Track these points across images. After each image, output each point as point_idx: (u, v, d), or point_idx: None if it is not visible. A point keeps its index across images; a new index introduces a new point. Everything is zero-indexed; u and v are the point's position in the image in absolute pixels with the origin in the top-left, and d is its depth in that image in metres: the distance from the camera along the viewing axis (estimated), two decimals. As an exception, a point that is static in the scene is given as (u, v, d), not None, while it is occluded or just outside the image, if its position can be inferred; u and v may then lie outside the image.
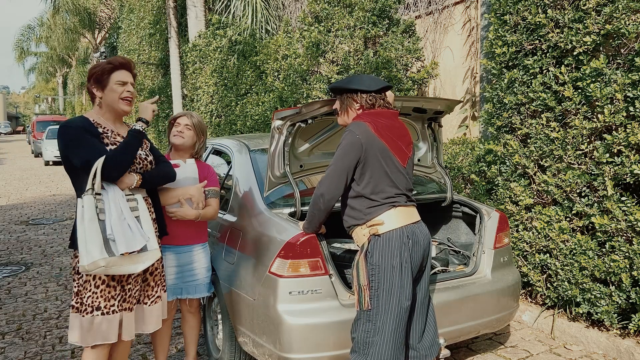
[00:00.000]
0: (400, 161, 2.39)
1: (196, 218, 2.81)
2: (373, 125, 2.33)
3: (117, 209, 2.24)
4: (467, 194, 4.70)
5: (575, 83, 3.48)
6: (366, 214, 2.36)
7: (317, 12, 5.95)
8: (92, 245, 2.15)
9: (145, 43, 15.14)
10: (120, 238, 2.19)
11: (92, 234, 2.16)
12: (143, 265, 2.31)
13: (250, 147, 3.50)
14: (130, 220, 2.26)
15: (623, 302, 3.28)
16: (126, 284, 2.37)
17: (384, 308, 2.30)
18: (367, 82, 2.41)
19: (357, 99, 2.42)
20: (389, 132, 2.36)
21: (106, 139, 2.35)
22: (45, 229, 7.77)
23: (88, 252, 2.15)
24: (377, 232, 2.33)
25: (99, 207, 2.20)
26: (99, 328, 2.30)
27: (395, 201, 2.36)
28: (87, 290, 2.30)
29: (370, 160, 2.31)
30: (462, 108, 5.99)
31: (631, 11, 3.18)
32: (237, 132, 8.42)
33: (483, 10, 5.64)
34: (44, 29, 30.06)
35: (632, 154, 3.16)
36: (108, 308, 2.31)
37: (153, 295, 2.53)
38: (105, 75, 2.36)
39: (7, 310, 4.41)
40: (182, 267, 2.88)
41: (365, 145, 2.30)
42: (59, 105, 49.57)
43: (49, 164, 18.83)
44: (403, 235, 2.33)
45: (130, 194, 2.35)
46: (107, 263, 2.17)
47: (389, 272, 2.30)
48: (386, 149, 2.34)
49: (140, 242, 2.26)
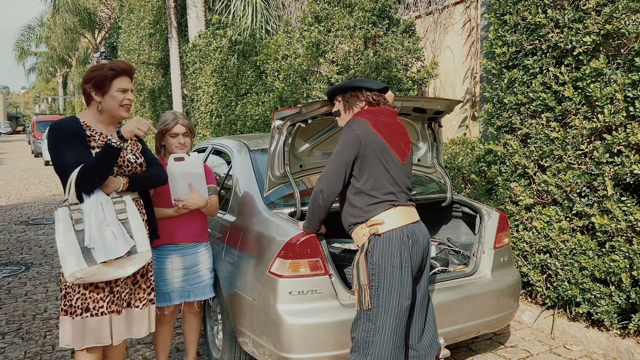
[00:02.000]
0: (400, 158, 2.41)
1: (205, 206, 2.79)
2: (372, 121, 2.35)
3: (99, 215, 2.20)
4: (467, 194, 4.70)
5: (575, 83, 3.48)
6: (366, 212, 2.36)
7: (317, 12, 5.95)
8: (68, 257, 2.14)
9: (145, 43, 15.14)
10: (99, 247, 2.17)
11: (67, 245, 2.15)
12: (133, 268, 2.29)
13: (250, 147, 3.50)
14: (114, 226, 2.22)
15: (623, 302, 3.28)
16: (114, 285, 2.33)
17: (384, 308, 2.31)
18: (368, 82, 2.46)
19: (361, 97, 2.45)
20: (387, 129, 2.38)
21: (93, 142, 2.31)
22: (45, 229, 7.77)
23: (66, 264, 2.15)
24: (378, 232, 2.33)
25: (74, 217, 2.17)
26: (90, 330, 2.28)
27: (396, 199, 2.37)
28: (76, 292, 2.28)
29: (368, 155, 2.33)
30: (462, 108, 5.99)
31: (631, 11, 3.18)
32: (237, 132, 8.42)
33: (483, 10, 5.64)
34: (44, 29, 30.09)
35: (632, 154, 3.16)
36: (97, 309, 2.28)
37: (144, 298, 2.48)
38: (107, 82, 2.32)
39: (7, 310, 4.41)
40: (188, 269, 2.87)
41: (363, 141, 2.31)
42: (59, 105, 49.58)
43: (49, 164, 18.80)
44: (403, 235, 2.33)
45: (118, 196, 2.32)
46: (86, 273, 2.16)
47: (389, 271, 2.30)
48: (385, 145, 2.35)
49: (123, 248, 2.22)
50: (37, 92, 64.57)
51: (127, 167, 2.37)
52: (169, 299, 2.83)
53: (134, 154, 2.45)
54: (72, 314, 2.28)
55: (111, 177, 2.30)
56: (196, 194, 2.75)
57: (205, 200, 2.78)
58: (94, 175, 2.20)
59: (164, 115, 2.93)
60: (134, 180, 2.40)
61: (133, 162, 2.41)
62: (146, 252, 2.33)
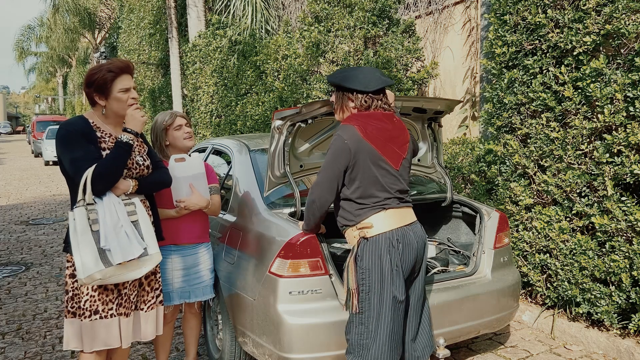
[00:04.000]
0: (392, 164, 2.34)
1: (207, 206, 2.78)
2: (362, 128, 2.28)
3: (113, 216, 2.19)
4: (467, 194, 4.70)
5: (575, 83, 3.48)
6: (356, 216, 2.34)
7: (317, 12, 5.95)
8: (86, 258, 2.11)
9: (145, 43, 15.14)
10: (115, 248, 2.16)
11: (85, 246, 2.12)
12: (145, 270, 2.28)
13: (250, 147, 3.50)
14: (127, 227, 2.21)
15: (623, 302, 3.28)
16: (122, 288, 2.33)
17: (375, 311, 2.29)
18: (365, 80, 2.33)
19: (352, 99, 2.36)
20: (380, 135, 2.31)
21: (103, 143, 2.30)
22: (45, 229, 7.77)
23: (83, 265, 2.11)
24: (366, 235, 2.31)
25: (91, 218, 2.15)
26: (99, 333, 2.26)
27: (385, 204, 2.33)
28: (84, 294, 2.26)
29: (359, 165, 2.28)
30: (462, 108, 5.99)
31: (631, 11, 3.18)
32: (237, 132, 8.42)
33: (483, 10, 5.64)
34: (44, 29, 30.07)
35: (632, 154, 3.16)
36: (106, 312, 2.27)
37: (149, 300, 2.47)
38: (108, 85, 2.30)
39: (7, 310, 4.41)
40: (189, 269, 2.87)
41: (353, 151, 2.26)
42: (59, 105, 49.59)
43: (49, 164, 18.81)
44: (392, 239, 2.30)
45: (127, 198, 2.31)
46: (104, 275, 2.14)
47: (379, 275, 2.28)
48: (376, 153, 2.29)
49: (137, 249, 2.21)
50: (37, 92, 64.57)
51: (135, 169, 2.37)
52: (169, 299, 2.83)
53: (142, 155, 2.44)
54: (81, 316, 2.26)
55: (122, 180, 2.29)
56: (197, 194, 2.75)
57: (206, 201, 2.78)
58: (109, 175, 2.20)
59: (159, 116, 2.90)
60: (142, 183, 2.40)
61: (141, 164, 2.40)
62: (156, 254, 2.31)
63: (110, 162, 2.21)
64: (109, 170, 2.20)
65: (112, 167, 2.21)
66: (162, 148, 2.90)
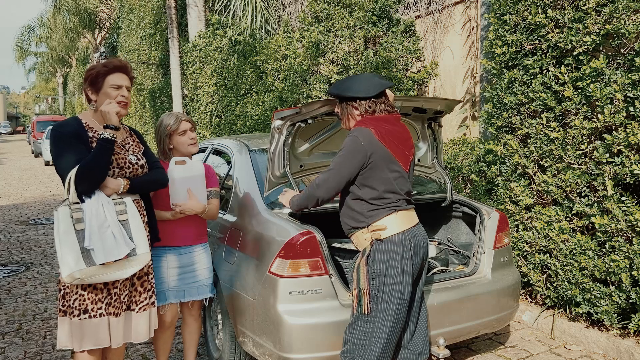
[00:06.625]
0: (403, 166, 2.39)
1: (203, 212, 2.77)
2: (377, 131, 2.31)
3: (100, 216, 2.18)
4: (467, 194, 4.70)
5: (575, 83, 3.48)
6: (367, 217, 2.35)
7: (317, 12, 5.95)
8: (67, 257, 2.12)
9: (145, 43, 15.14)
10: (98, 248, 2.15)
11: (67, 245, 2.12)
12: (132, 270, 2.27)
13: (250, 147, 3.50)
14: (114, 227, 2.20)
15: (623, 302, 3.28)
16: (112, 287, 2.31)
17: (383, 311, 2.31)
18: (365, 86, 2.36)
19: (356, 107, 2.39)
20: (392, 138, 2.35)
21: (95, 142, 2.28)
22: (45, 229, 7.77)
23: (64, 264, 2.12)
24: (380, 237, 2.32)
25: (75, 217, 2.15)
26: (88, 331, 2.25)
27: (397, 205, 2.36)
28: (74, 293, 2.26)
29: (374, 167, 2.31)
30: (462, 108, 5.99)
31: (631, 11, 3.18)
32: (237, 132, 8.42)
33: (483, 11, 5.64)
34: (44, 29, 30.10)
35: (632, 154, 3.16)
36: (95, 311, 2.26)
37: (141, 301, 2.44)
38: (100, 78, 2.28)
39: (7, 310, 4.41)
40: (184, 268, 2.83)
41: (369, 153, 2.28)
42: (59, 105, 49.59)
43: (49, 164, 18.81)
44: (405, 240, 2.33)
45: (118, 197, 2.29)
46: (85, 274, 2.14)
47: (391, 276, 2.30)
48: (390, 156, 2.33)
49: (123, 250, 2.20)
50: (37, 92, 64.55)
51: (128, 168, 2.35)
52: (164, 298, 2.78)
53: (136, 155, 2.42)
54: (71, 314, 2.26)
55: (111, 179, 2.28)
56: (194, 200, 2.72)
57: (203, 207, 2.76)
58: (91, 173, 2.18)
59: (164, 119, 2.86)
60: (135, 182, 2.38)
61: (134, 163, 2.39)
62: (145, 254, 2.30)
63: (92, 159, 2.19)
64: (90, 168, 2.17)
65: (93, 165, 2.18)
66: (165, 151, 2.88)
